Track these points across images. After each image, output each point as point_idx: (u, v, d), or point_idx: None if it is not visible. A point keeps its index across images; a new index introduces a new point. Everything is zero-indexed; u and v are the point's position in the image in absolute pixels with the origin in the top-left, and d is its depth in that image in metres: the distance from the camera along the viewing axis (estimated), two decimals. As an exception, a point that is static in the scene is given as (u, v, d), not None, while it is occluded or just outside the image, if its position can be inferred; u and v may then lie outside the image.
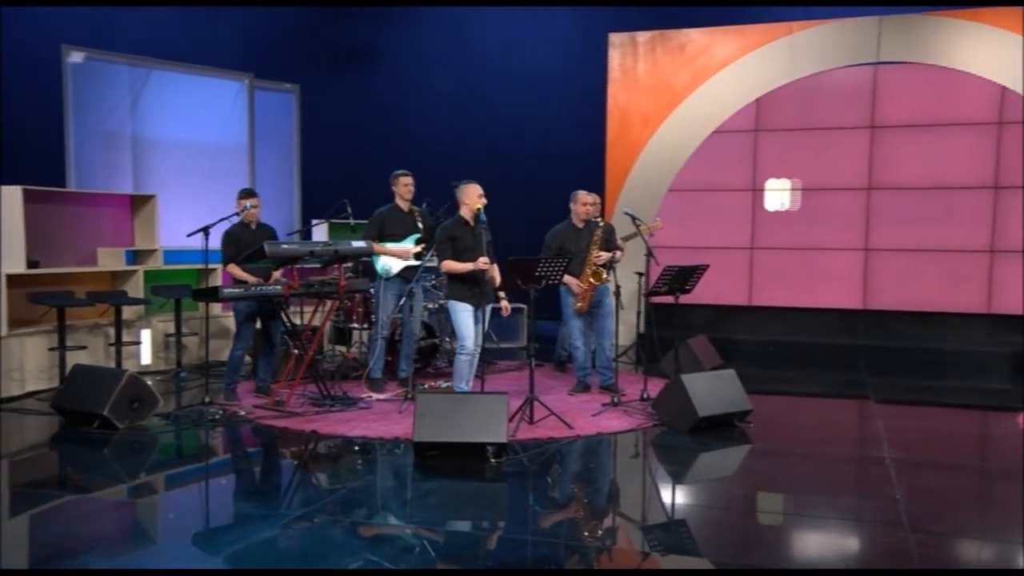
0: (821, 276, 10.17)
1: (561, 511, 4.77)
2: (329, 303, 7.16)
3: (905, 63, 9.79)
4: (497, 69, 12.21)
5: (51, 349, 7.40)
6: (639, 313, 8.77)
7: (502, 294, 6.87)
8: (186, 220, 7.00)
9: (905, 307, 9.88)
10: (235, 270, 6.96)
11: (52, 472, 5.69)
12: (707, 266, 7.31)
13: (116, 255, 8.45)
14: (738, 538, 4.41)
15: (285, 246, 6.50)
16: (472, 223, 6.64)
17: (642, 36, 10.62)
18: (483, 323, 6.71)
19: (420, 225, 7.38)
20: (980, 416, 7.30)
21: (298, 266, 6.64)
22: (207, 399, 6.75)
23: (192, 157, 9.48)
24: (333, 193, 8.83)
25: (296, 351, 6.99)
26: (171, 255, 8.70)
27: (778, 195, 10.29)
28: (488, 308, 6.75)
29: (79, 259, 8.37)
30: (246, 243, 6.89)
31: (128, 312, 8.35)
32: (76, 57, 8.67)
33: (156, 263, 8.65)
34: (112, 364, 7.78)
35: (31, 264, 7.64)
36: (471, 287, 6.55)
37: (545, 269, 6.28)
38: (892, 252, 9.92)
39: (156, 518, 4.83)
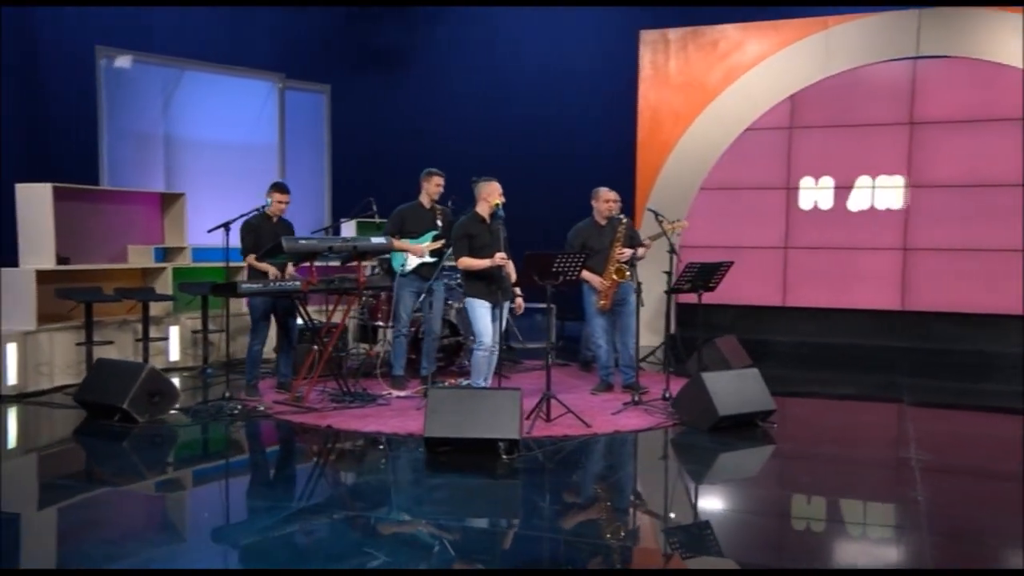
0: (858, 276, 10.00)
1: (571, 509, 4.73)
2: (349, 300, 7.17)
3: (946, 57, 9.59)
4: (527, 69, 12.20)
5: (78, 344, 7.54)
6: (667, 313, 8.69)
7: (518, 291, 6.85)
8: (216, 219, 7.07)
9: (945, 308, 9.67)
10: (253, 261, 7.03)
11: (68, 464, 5.79)
12: (731, 263, 7.21)
13: (146, 252, 8.60)
14: (747, 538, 4.34)
15: (303, 241, 6.55)
16: (489, 220, 6.63)
17: (674, 33, 10.55)
18: (500, 320, 6.68)
19: (439, 223, 7.39)
20: (1017, 421, 7.11)
21: (321, 264, 6.69)
22: (227, 394, 6.82)
23: (223, 156, 9.62)
24: (363, 192, 8.89)
25: (316, 347, 7.03)
26: (200, 252, 8.83)
27: (813, 193, 10.14)
28: (506, 305, 6.73)
29: (110, 256, 8.53)
30: (265, 235, 6.95)
31: (157, 309, 8.49)
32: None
33: (185, 261, 8.78)
34: (139, 360, 7.91)
35: (61, 260, 7.80)
36: (488, 284, 6.54)
37: (563, 264, 6.25)
38: (932, 252, 9.72)
39: (162, 510, 4.89)
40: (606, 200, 7.37)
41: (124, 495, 4.95)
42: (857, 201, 9.99)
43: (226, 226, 6.82)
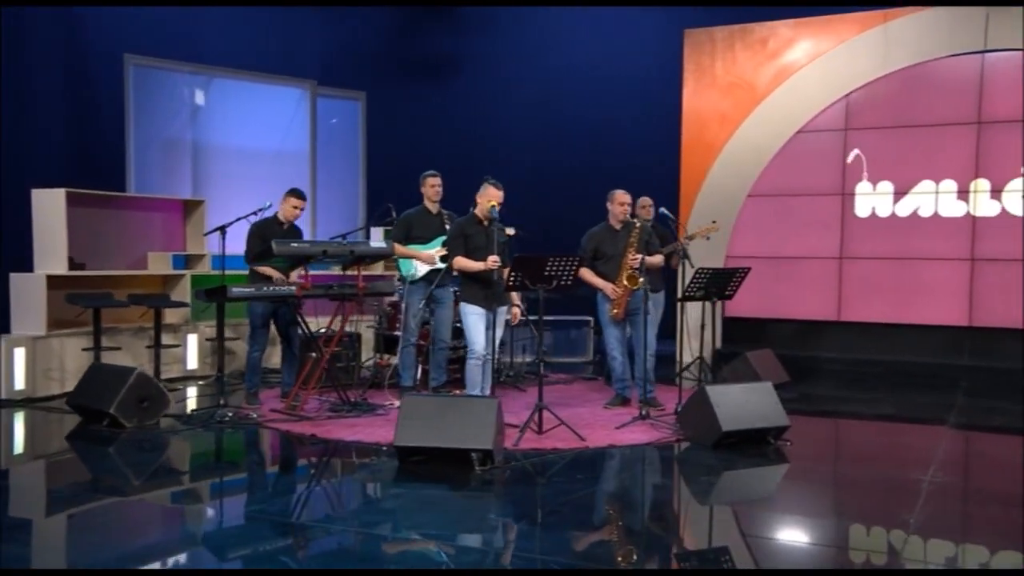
0: (919, 289, 9.51)
1: (524, 523, 4.57)
2: (349, 307, 7.16)
3: (1017, 51, 9.07)
4: (577, 71, 12.14)
5: (84, 349, 7.73)
6: (703, 326, 8.41)
7: (517, 300, 6.75)
8: (244, 226, 7.21)
9: (1016, 325, 9.09)
10: (262, 267, 7.09)
11: (41, 470, 5.88)
12: (747, 270, 6.96)
13: (165, 259, 8.78)
14: (706, 560, 4.10)
15: (295, 245, 6.58)
16: (486, 222, 6.54)
17: (720, 32, 10.30)
18: (496, 328, 6.56)
19: (448, 228, 7.33)
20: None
21: (329, 271, 6.70)
22: (222, 402, 6.88)
23: (252, 164, 9.80)
24: (401, 201, 8.85)
25: (313, 355, 7.04)
26: (220, 260, 8.94)
27: (870, 200, 9.71)
28: (501, 311, 6.62)
29: (129, 263, 8.75)
30: (272, 240, 6.97)
31: (174, 316, 8.66)
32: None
33: (205, 268, 8.94)
34: (151, 368, 8.07)
35: (77, 266, 8.03)
36: (482, 289, 6.46)
37: (556, 267, 6.10)
38: (1002, 263, 9.17)
39: (102, 517, 4.93)
40: (620, 203, 7.20)
41: (71, 502, 5.01)
42: (919, 208, 9.51)
43: (222, 229, 6.91)
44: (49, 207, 7.87)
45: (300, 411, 6.81)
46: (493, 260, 6.30)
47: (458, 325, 7.99)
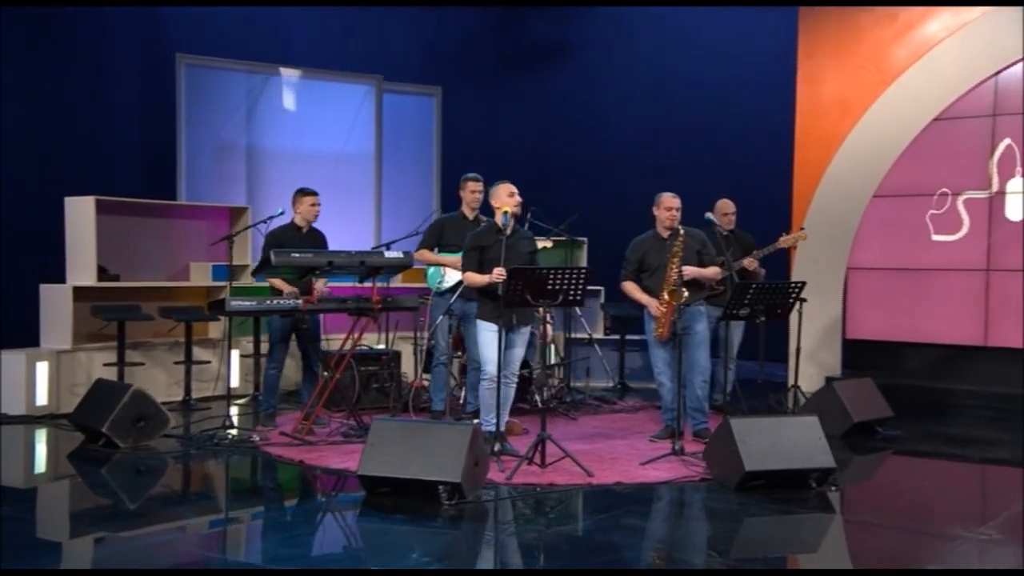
0: (1089, 309, 8.94)
1: (450, 562, 4.71)
2: (364, 322, 7.47)
3: None
4: (684, 59, 12.14)
5: (105, 365, 8.41)
6: (799, 350, 8.27)
7: (548, 318, 6.86)
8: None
9: None
10: (272, 278, 7.52)
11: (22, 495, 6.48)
12: (801, 284, 6.84)
13: (207, 270, 9.40)
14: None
15: (296, 255, 6.94)
16: (507, 231, 6.68)
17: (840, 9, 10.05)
18: (519, 347, 6.69)
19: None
20: None
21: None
22: (227, 422, 7.34)
23: (311, 167, 10.31)
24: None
25: (325, 374, 7.40)
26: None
27: (1024, 199, 9.22)
28: (524, 331, 6.74)
29: (170, 274, 9.43)
30: (291, 247, 7.38)
31: (215, 330, 9.25)
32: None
33: (250, 279, 9.47)
34: (180, 385, 8.69)
35: (110, 277, 8.74)
36: (496, 304, 6.57)
37: (561, 281, 6.18)
38: None
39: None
40: (667, 208, 7.19)
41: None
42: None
43: (230, 239, 7.37)
44: (80, 216, 8.61)
45: (305, 435, 7.15)
46: (498, 272, 6.43)
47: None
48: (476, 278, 6.63)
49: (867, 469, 7.03)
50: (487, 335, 6.66)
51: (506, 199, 6.72)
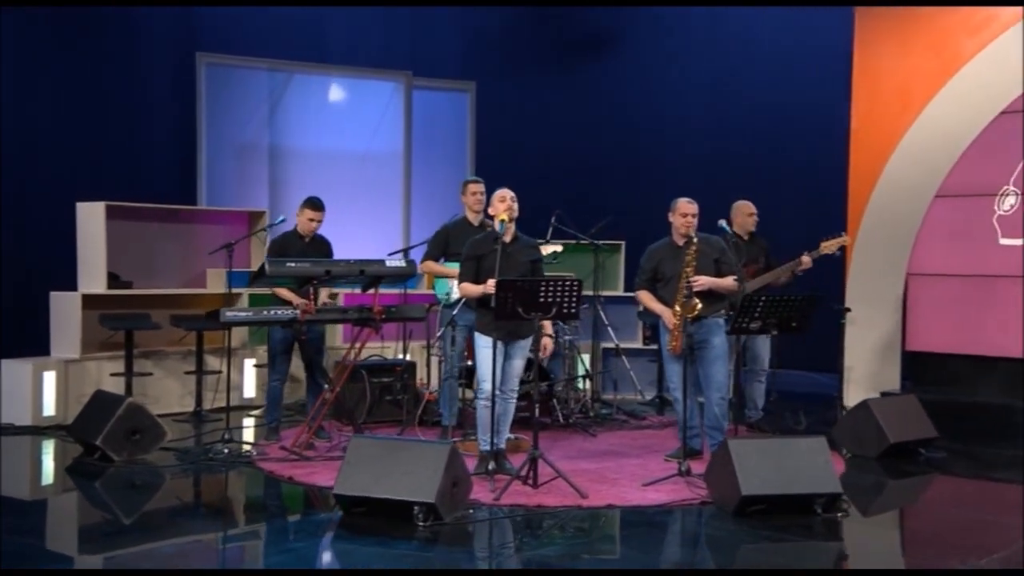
0: None
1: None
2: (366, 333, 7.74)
3: None
4: (742, 50, 12.18)
5: (113, 375, 8.84)
6: (845, 366, 8.31)
7: (548, 330, 7.04)
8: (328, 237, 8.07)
9: None
10: (277, 288, 7.85)
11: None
12: (815, 297, 6.89)
13: (222, 276, 9.78)
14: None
15: (292, 264, 7.25)
16: (509, 239, 6.87)
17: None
18: (516, 360, 6.89)
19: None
20: None
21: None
22: (226, 436, 7.69)
23: (337, 167, 10.67)
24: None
25: (326, 386, 7.70)
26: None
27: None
28: (524, 344, 6.92)
29: (187, 281, 9.84)
30: (294, 256, 7.71)
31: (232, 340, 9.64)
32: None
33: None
34: (192, 396, 9.10)
35: (122, 285, 9.18)
36: (492, 317, 6.75)
37: (554, 293, 6.36)
38: None
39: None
40: (683, 214, 7.32)
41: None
42: None
43: (229, 247, 7.72)
44: (90, 221, 9.06)
45: (304, 450, 7.46)
46: (491, 284, 6.62)
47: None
48: (470, 289, 6.84)
49: (893, 495, 7.07)
50: (482, 351, 6.87)
51: (497, 205, 6.91)
